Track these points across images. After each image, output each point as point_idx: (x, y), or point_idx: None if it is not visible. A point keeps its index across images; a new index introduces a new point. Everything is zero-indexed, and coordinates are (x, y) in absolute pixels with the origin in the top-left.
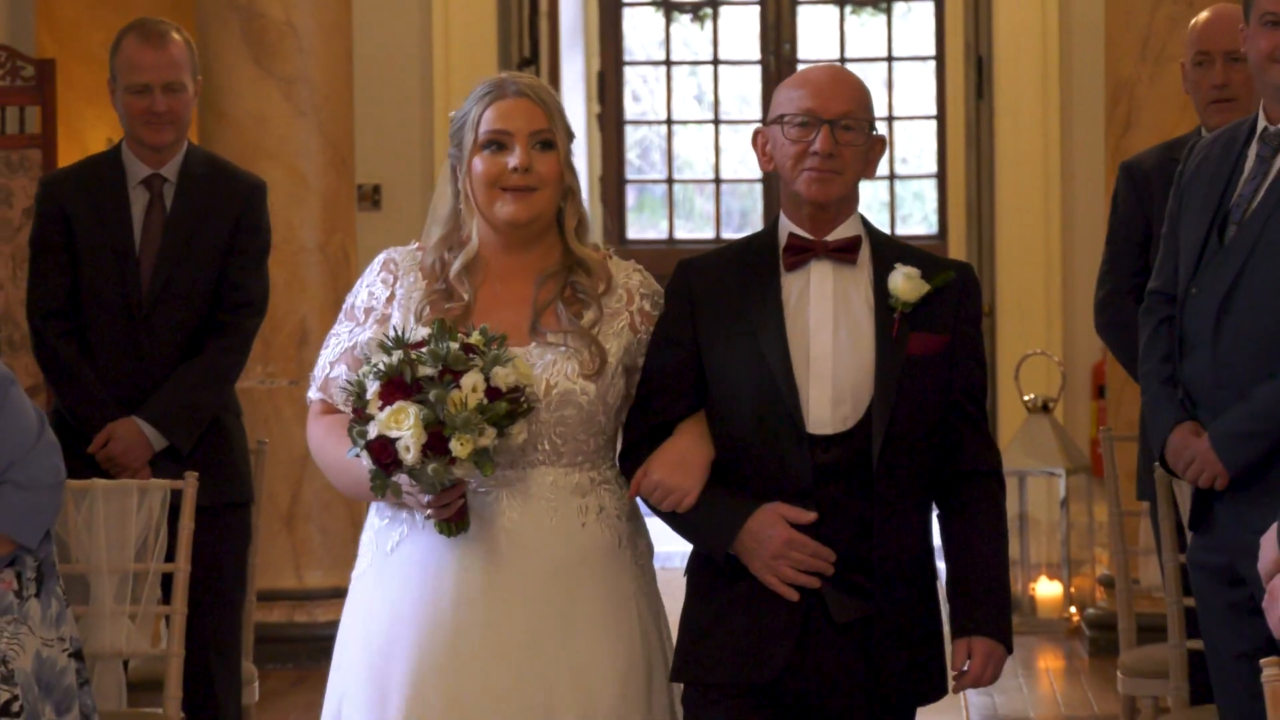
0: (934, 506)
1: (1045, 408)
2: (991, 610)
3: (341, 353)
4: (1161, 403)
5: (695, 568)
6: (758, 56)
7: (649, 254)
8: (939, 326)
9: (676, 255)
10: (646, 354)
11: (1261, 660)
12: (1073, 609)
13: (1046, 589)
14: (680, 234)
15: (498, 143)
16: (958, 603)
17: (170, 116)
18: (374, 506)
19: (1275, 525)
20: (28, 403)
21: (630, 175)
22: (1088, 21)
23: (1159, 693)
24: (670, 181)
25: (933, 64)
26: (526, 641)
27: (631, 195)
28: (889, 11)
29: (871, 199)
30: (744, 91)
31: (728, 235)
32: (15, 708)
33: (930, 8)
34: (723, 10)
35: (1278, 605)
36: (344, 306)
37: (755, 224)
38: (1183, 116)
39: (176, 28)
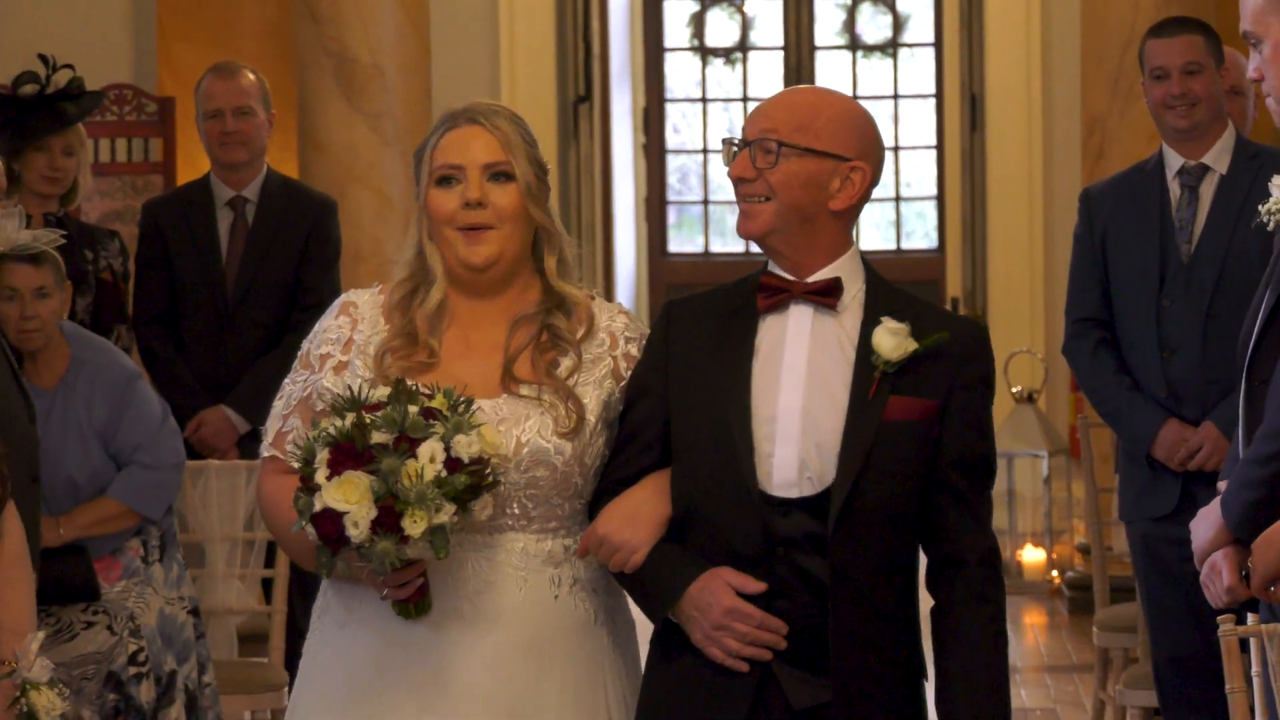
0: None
1: (1030, 398)
2: None
3: (296, 403)
4: (1140, 406)
5: (656, 637)
6: None
7: (688, 265)
8: (928, 390)
9: (711, 266)
10: (624, 402)
11: (1219, 617)
12: (1054, 572)
13: (1031, 555)
14: (714, 248)
15: (450, 177)
16: None
17: (241, 137)
18: None
19: (1202, 511)
20: (152, 394)
21: (671, 197)
22: (1066, 64)
23: (1128, 645)
24: (706, 202)
25: (933, 101)
26: None
27: (672, 214)
28: (895, 56)
29: (879, 218)
30: None
31: (755, 249)
32: (141, 658)
33: (931, 52)
34: (751, 55)
35: (1214, 581)
36: (299, 353)
37: None
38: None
39: (251, 68)
